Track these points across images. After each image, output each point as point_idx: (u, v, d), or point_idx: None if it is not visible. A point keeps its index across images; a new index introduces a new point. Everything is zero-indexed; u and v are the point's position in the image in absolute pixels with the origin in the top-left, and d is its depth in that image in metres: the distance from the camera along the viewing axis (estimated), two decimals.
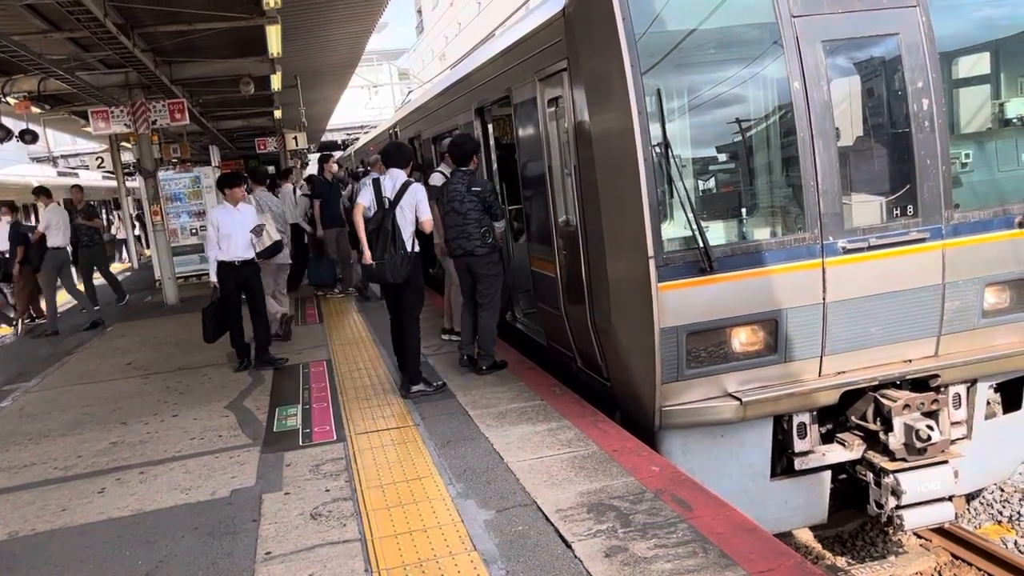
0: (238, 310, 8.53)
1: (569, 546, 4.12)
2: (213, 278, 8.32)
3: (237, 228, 8.28)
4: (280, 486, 5.31)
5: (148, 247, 15.16)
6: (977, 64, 6.04)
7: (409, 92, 25.68)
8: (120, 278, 17.46)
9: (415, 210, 6.73)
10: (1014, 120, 5.83)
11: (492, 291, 7.22)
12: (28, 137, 16.04)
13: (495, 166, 9.04)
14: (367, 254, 6.76)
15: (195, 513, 5.04)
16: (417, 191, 6.77)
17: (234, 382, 8.20)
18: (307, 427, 6.47)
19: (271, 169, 25.02)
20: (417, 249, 6.81)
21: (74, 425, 7.26)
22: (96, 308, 13.76)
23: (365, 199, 6.89)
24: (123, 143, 20.65)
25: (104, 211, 27.75)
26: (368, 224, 6.77)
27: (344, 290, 13.13)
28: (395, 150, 7.02)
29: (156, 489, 5.50)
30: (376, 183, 6.86)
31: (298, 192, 13.66)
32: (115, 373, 9.30)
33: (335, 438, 6.14)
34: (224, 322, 8.47)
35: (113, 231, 26.58)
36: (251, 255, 8.46)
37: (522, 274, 8.18)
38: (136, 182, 19.23)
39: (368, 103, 38.67)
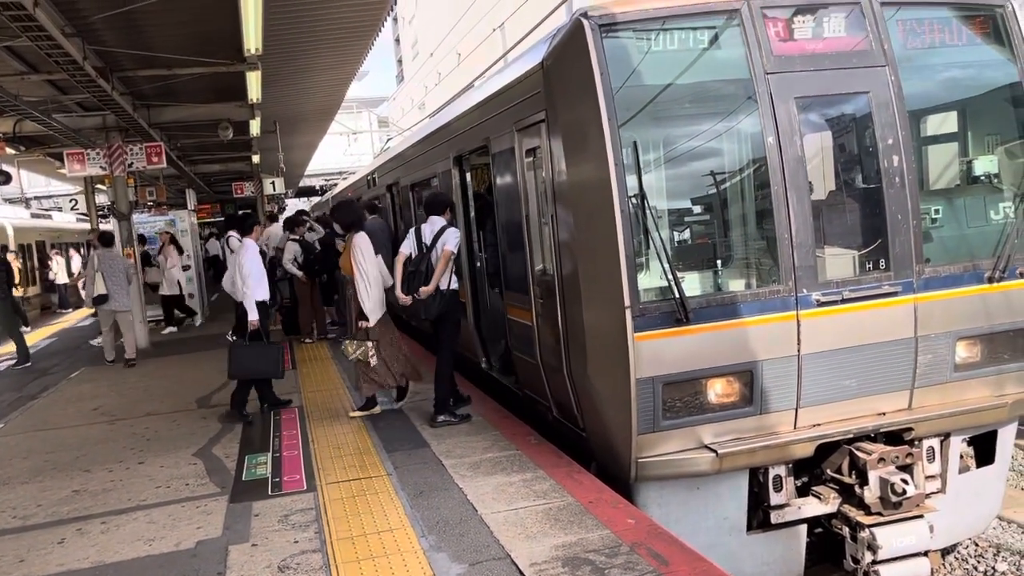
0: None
1: None
2: (254, 317, 8.01)
3: (262, 267, 8.41)
4: (247, 537, 5.17)
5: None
6: (945, 122, 6.19)
7: (388, 140, 25.91)
8: (88, 322, 17.17)
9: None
10: (981, 177, 5.96)
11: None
12: (1, 178, 15.90)
13: (472, 214, 9.07)
14: (399, 292, 7.34)
15: (158, 565, 4.89)
16: (449, 234, 7.28)
17: (203, 428, 8.05)
18: (277, 476, 6.34)
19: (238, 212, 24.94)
20: (455, 286, 7.37)
21: (35, 472, 7.06)
22: None
23: (406, 248, 7.47)
24: (98, 185, 20.53)
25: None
26: (408, 266, 7.35)
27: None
28: (433, 199, 7.62)
29: (118, 540, 5.34)
30: (418, 231, 7.43)
31: (287, 237, 13.68)
32: (80, 418, 9.09)
33: (305, 487, 6.02)
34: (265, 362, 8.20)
35: (51, 276, 25.64)
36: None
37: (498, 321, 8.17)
38: (111, 224, 19.08)
39: (347, 150, 38.86)
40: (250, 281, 8.04)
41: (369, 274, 7.39)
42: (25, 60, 10.49)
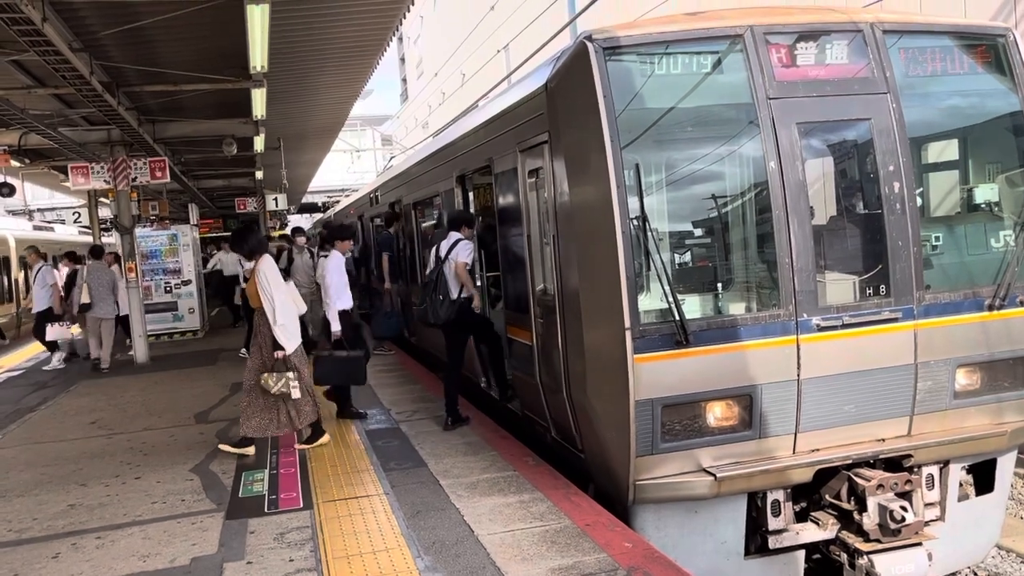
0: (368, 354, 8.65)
1: None
2: (337, 327, 8.16)
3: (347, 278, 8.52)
4: (243, 555, 5.14)
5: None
6: (946, 150, 6.22)
7: (391, 158, 26.03)
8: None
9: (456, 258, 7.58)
10: (982, 205, 5.98)
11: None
12: (5, 190, 15.96)
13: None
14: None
15: None
16: (461, 247, 7.60)
17: (201, 444, 8.02)
18: (273, 493, 6.31)
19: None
20: (466, 295, 7.60)
21: (32, 485, 7.04)
22: None
23: (429, 266, 7.89)
24: (101, 199, 20.59)
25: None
26: (427, 277, 7.79)
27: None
28: (453, 217, 8.07)
29: (113, 555, 5.31)
30: (437, 247, 7.77)
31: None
32: (78, 432, 9.07)
33: (302, 505, 5.99)
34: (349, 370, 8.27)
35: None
36: None
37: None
38: (113, 238, 19.13)
39: (350, 167, 39.04)
40: (331, 292, 8.22)
41: (276, 300, 6.98)
42: (32, 74, 10.57)
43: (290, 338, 7.07)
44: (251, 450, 7.44)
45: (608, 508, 5.51)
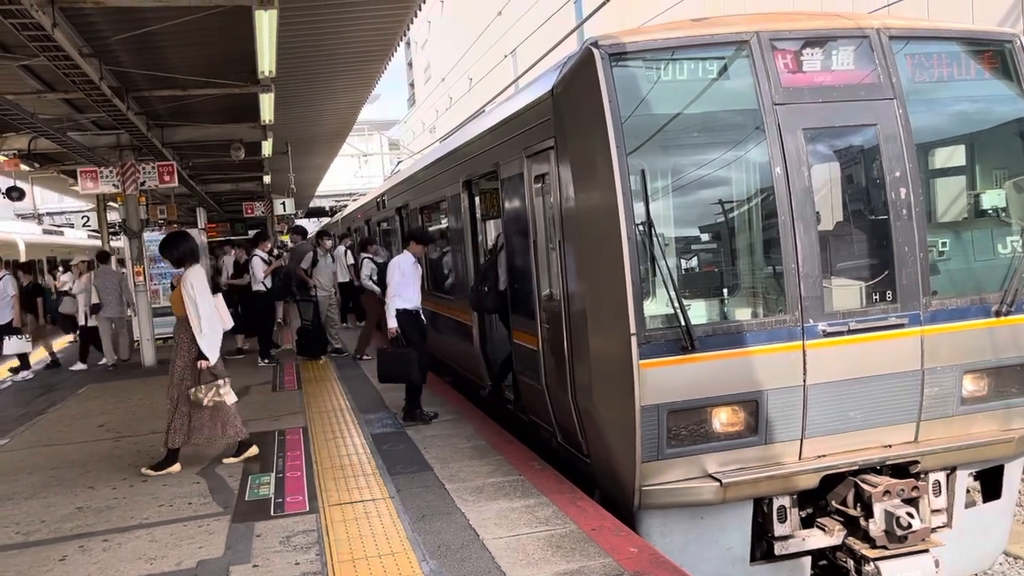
0: (427, 357, 8.80)
1: None
2: (392, 324, 8.40)
3: (417, 279, 8.62)
4: (249, 558, 5.16)
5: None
6: (953, 156, 6.20)
7: (398, 163, 26.11)
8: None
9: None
10: (989, 211, 5.97)
11: None
12: (15, 194, 16.07)
13: (480, 237, 9.14)
14: None
15: None
16: None
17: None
18: (280, 496, 6.34)
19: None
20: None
21: (40, 488, 7.07)
22: None
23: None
24: (110, 203, 20.68)
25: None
26: (479, 267, 8.36)
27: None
28: None
29: (120, 558, 5.33)
30: (495, 241, 8.41)
31: (348, 254, 13.99)
32: (86, 435, 9.11)
33: (308, 509, 6.00)
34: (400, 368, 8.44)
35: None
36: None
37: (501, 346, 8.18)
38: (121, 241, 19.22)
39: (357, 172, 39.21)
40: (389, 290, 8.48)
41: (201, 310, 6.94)
42: (42, 79, 10.64)
43: (212, 348, 7.08)
44: (254, 450, 7.47)
45: (614, 513, 5.51)
